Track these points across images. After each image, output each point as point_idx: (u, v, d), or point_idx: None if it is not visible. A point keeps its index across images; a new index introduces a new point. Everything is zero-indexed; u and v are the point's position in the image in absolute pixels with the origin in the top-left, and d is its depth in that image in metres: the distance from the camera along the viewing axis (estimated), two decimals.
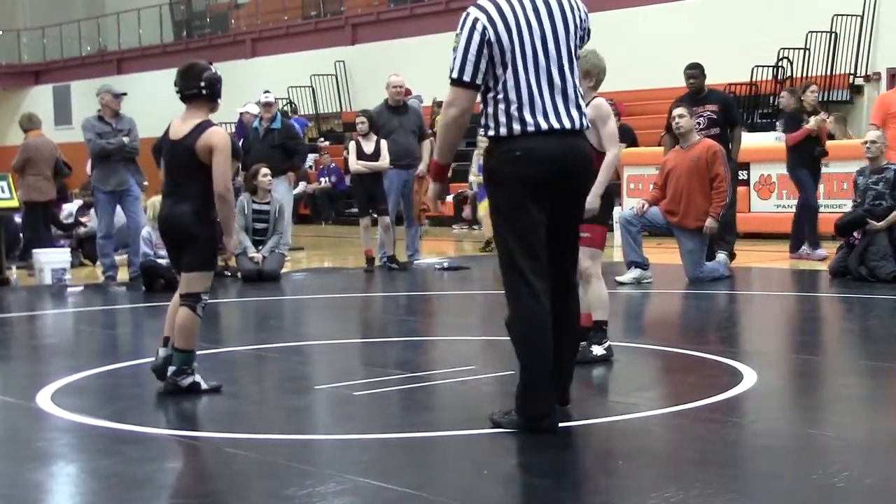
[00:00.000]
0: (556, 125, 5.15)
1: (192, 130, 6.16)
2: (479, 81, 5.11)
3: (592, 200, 6.75)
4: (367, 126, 12.89)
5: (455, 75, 5.12)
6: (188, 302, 6.14)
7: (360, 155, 12.87)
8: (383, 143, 12.88)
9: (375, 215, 13.11)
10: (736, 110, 12.88)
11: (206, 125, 6.18)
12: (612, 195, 7.03)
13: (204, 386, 6.15)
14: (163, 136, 6.43)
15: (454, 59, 5.11)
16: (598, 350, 6.86)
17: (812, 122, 13.18)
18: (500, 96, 5.15)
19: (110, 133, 12.09)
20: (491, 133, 5.20)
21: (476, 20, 5.11)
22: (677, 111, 11.28)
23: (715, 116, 12.08)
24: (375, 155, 12.87)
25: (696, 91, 12.31)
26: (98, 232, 12.55)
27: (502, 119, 5.15)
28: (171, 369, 6.13)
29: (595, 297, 6.92)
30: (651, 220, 11.34)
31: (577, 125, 5.23)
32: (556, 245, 5.26)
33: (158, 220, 6.48)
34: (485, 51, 5.08)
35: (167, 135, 6.35)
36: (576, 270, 5.51)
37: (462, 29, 5.13)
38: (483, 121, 5.25)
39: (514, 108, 5.13)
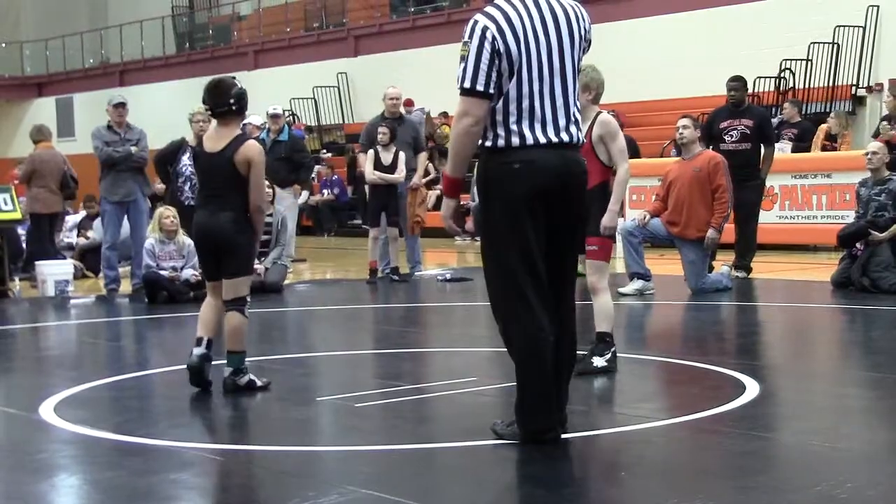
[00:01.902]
0: (555, 139, 5.08)
1: (230, 143, 6.48)
2: (491, 90, 4.98)
3: (611, 218, 6.84)
4: (388, 137, 12.88)
5: (467, 84, 4.97)
6: (236, 306, 6.52)
7: (377, 165, 12.88)
8: (401, 154, 12.87)
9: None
10: (771, 129, 12.92)
11: (242, 138, 6.52)
12: None
13: (259, 383, 6.50)
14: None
15: (464, 68, 4.97)
16: (599, 362, 6.86)
17: None
18: (499, 106, 5.04)
19: (118, 142, 12.12)
20: (488, 143, 5.08)
21: (486, 28, 4.98)
22: (682, 122, 11.29)
23: (748, 132, 12.13)
24: (393, 166, 12.86)
25: (737, 104, 12.36)
26: (104, 243, 12.54)
27: (500, 131, 5.05)
28: (227, 370, 6.46)
29: (601, 309, 6.94)
30: (653, 231, 11.35)
31: (575, 140, 5.17)
32: (554, 260, 5.17)
33: (195, 228, 6.69)
34: (496, 60, 4.96)
35: (201, 148, 6.66)
36: (573, 289, 5.39)
37: (471, 37, 4.98)
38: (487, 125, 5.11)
39: (513, 119, 5.04)
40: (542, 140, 5.07)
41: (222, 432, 5.80)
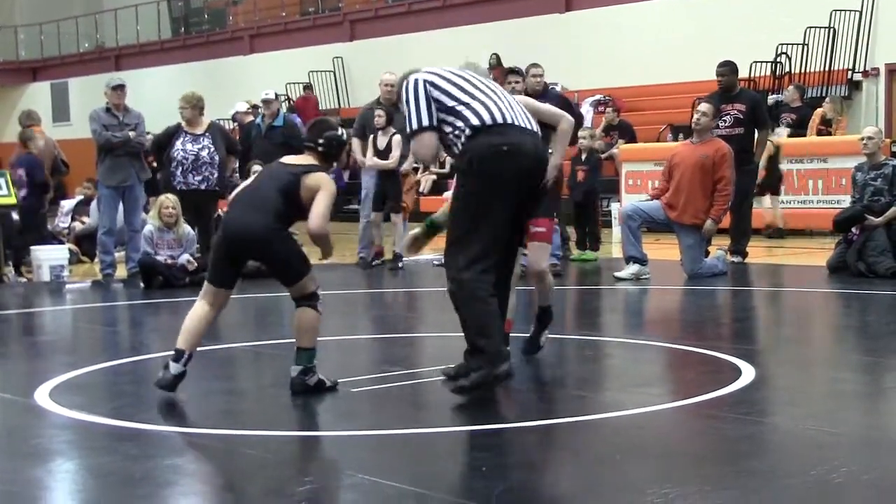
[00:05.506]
0: (513, 121, 5.81)
1: (306, 165, 6.10)
2: (435, 123, 5.82)
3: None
4: (384, 120, 12.85)
5: (415, 126, 5.82)
6: (308, 302, 6.02)
7: (374, 151, 12.88)
8: (395, 139, 12.82)
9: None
10: (764, 112, 12.88)
11: (320, 168, 6.12)
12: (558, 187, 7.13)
13: (328, 383, 6.04)
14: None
15: (408, 117, 5.82)
16: (544, 337, 6.94)
17: None
18: (460, 111, 5.78)
19: (116, 126, 12.11)
20: (475, 122, 5.73)
21: (416, 80, 5.88)
22: (703, 107, 11.29)
23: (741, 116, 12.12)
24: (386, 151, 12.84)
25: (727, 89, 12.32)
26: (100, 228, 12.54)
27: (471, 111, 5.77)
28: (296, 369, 6.00)
29: (548, 286, 6.91)
30: (652, 215, 11.35)
31: (536, 128, 5.96)
32: (514, 229, 5.97)
33: (225, 222, 6.12)
34: (431, 101, 5.82)
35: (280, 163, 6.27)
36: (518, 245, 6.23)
37: (406, 93, 5.85)
38: (453, 131, 5.78)
39: (473, 114, 5.78)
40: (519, 122, 5.83)
41: (218, 417, 5.80)
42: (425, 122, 5.81)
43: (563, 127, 6.79)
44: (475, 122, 5.75)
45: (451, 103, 5.82)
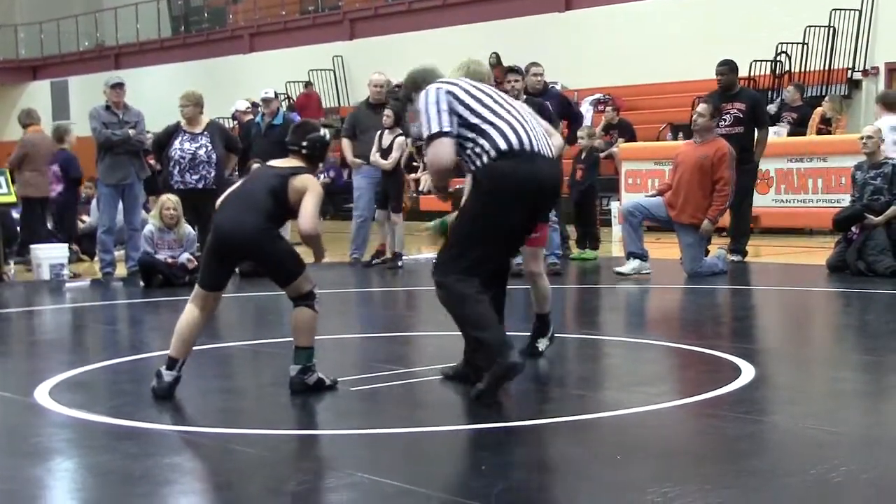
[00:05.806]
0: (538, 149, 5.80)
1: (292, 167, 6.10)
2: (453, 129, 5.70)
3: None
4: (391, 119, 12.82)
5: (434, 129, 5.68)
6: (305, 301, 6.02)
7: (378, 148, 12.87)
8: (398, 140, 12.75)
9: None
10: (764, 111, 12.89)
11: (306, 170, 6.09)
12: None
13: (327, 382, 6.05)
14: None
15: (426, 121, 5.70)
16: (543, 344, 6.88)
17: None
18: (486, 130, 5.70)
19: (116, 124, 12.11)
20: (503, 147, 5.67)
21: (438, 89, 5.78)
22: (700, 107, 11.32)
23: (741, 115, 12.11)
24: (388, 150, 12.82)
25: (726, 88, 12.31)
26: (100, 227, 12.54)
27: (498, 132, 5.71)
28: (295, 368, 6.00)
29: (543, 293, 6.93)
30: (653, 211, 11.36)
31: (551, 153, 5.94)
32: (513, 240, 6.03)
33: (216, 224, 6.06)
34: (450, 108, 5.71)
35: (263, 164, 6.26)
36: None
37: (426, 100, 5.74)
38: (473, 148, 5.70)
39: (501, 136, 5.71)
40: (536, 148, 5.78)
41: (217, 416, 5.79)
42: (445, 127, 5.69)
43: (553, 143, 6.90)
44: (503, 146, 5.68)
45: (474, 120, 5.72)
